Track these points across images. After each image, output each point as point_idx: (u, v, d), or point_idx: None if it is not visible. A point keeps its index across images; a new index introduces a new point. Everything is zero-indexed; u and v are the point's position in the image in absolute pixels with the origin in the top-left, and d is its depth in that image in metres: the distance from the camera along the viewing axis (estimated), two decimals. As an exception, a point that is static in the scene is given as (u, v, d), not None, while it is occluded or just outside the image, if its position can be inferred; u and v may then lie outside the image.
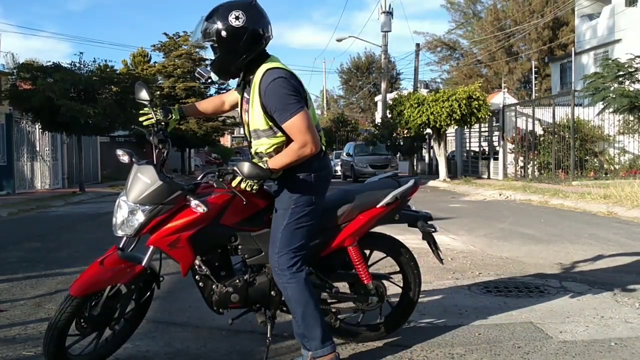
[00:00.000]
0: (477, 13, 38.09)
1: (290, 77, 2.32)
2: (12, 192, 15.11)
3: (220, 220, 2.43)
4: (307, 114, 2.28)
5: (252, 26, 2.29)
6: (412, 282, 2.81)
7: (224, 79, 2.56)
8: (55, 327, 2.27)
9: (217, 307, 2.52)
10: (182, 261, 2.41)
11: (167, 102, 31.73)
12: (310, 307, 2.40)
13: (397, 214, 2.70)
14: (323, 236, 2.57)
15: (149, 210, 2.33)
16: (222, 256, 2.53)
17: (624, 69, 12.59)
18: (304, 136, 2.27)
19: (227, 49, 2.30)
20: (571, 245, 5.70)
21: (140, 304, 2.59)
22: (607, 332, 2.98)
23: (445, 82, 41.41)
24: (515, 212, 9.17)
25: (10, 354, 2.75)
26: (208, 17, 2.32)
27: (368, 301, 2.69)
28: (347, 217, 2.59)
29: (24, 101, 14.40)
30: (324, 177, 2.48)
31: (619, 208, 8.53)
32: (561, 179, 14.46)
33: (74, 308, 2.28)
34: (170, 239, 2.35)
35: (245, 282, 2.51)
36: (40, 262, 5.13)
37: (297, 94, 2.29)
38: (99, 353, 2.51)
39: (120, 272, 2.36)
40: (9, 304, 3.69)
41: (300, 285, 2.39)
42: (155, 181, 2.33)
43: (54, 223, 8.78)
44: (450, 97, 16.52)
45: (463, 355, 2.68)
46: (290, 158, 2.30)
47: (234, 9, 2.28)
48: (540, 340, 2.87)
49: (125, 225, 2.36)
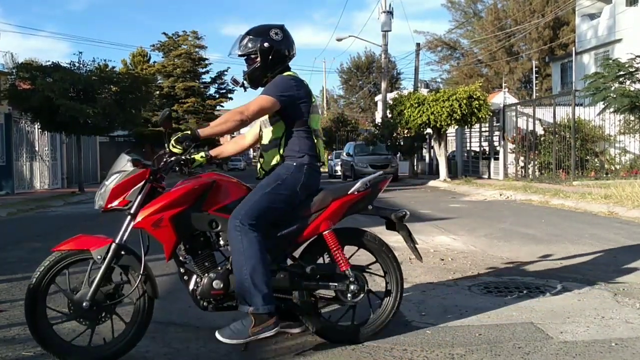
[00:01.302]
0: (478, 12, 38.09)
1: (297, 80, 2.76)
2: (11, 192, 15.12)
3: (202, 206, 2.60)
4: (271, 103, 2.64)
5: (285, 44, 2.78)
6: (390, 270, 2.86)
7: (255, 87, 2.86)
8: (34, 279, 2.53)
9: (201, 297, 2.63)
10: (165, 242, 2.55)
11: (166, 101, 31.83)
12: (261, 265, 2.52)
13: (369, 203, 2.83)
14: (299, 223, 2.70)
15: (114, 177, 2.58)
16: (205, 244, 2.67)
17: (625, 68, 12.57)
18: (250, 107, 2.61)
19: (264, 60, 2.73)
20: (572, 246, 5.69)
21: (144, 302, 2.61)
22: (608, 333, 2.97)
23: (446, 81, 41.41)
24: (516, 212, 9.16)
25: (9, 354, 2.75)
26: (250, 33, 2.78)
27: (348, 290, 2.74)
28: (321, 204, 2.73)
29: (23, 101, 14.40)
30: (315, 175, 2.78)
31: (619, 208, 8.52)
32: (562, 179, 14.45)
33: (51, 261, 2.55)
34: (154, 218, 2.52)
35: (227, 270, 2.63)
36: (39, 262, 5.05)
37: (288, 92, 2.68)
38: (112, 351, 2.58)
39: (93, 240, 2.58)
40: (8, 304, 3.69)
41: (255, 241, 2.53)
42: (121, 155, 2.68)
43: (53, 223, 8.77)
44: (451, 97, 16.51)
45: (463, 356, 2.67)
46: (226, 115, 2.64)
47: (273, 28, 2.78)
48: (541, 341, 2.86)
49: (99, 197, 2.61)
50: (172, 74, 32.19)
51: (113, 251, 2.54)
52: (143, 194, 2.58)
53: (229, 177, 2.80)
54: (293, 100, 2.70)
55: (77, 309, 2.52)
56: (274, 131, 2.76)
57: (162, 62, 33.00)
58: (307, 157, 2.73)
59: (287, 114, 2.72)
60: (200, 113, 31.81)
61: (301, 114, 2.75)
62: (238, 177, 2.87)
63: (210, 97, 34.08)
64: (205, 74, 34.45)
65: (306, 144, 2.75)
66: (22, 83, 15.22)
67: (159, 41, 33.50)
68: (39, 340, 2.54)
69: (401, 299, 2.91)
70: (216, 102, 33.95)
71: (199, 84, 33.25)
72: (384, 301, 2.89)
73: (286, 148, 2.73)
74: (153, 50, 34.06)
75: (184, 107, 31.26)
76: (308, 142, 2.76)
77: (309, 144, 2.76)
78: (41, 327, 2.53)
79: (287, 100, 2.68)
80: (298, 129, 2.75)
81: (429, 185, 16.97)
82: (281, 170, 2.70)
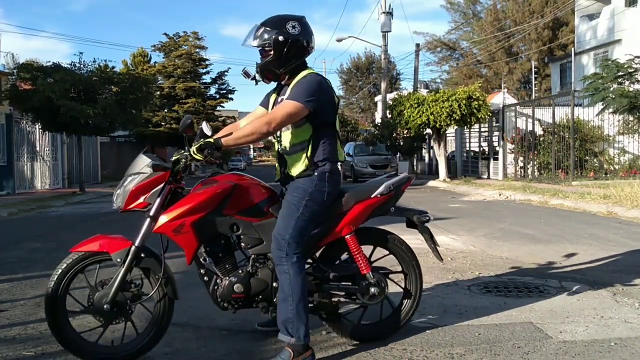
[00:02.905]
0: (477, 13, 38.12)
1: (324, 80, 2.63)
2: (12, 192, 15.12)
3: (223, 209, 2.56)
4: (299, 110, 2.50)
5: (303, 37, 2.60)
6: (411, 273, 2.88)
7: (267, 81, 2.73)
8: (53, 280, 2.52)
9: (222, 299, 2.62)
10: (186, 247, 2.52)
11: (167, 102, 31.82)
12: (305, 296, 2.52)
13: (392, 206, 2.80)
14: (323, 226, 2.67)
15: (132, 177, 2.55)
16: (226, 247, 2.64)
17: (624, 69, 12.60)
18: (277, 116, 2.49)
19: (279, 54, 2.56)
20: (571, 246, 5.70)
21: (164, 303, 2.62)
22: (607, 332, 2.98)
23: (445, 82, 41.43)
24: (515, 212, 9.17)
25: (10, 353, 2.76)
26: (265, 24, 2.60)
27: (369, 293, 2.73)
28: (344, 207, 2.70)
29: (24, 101, 14.40)
30: (337, 179, 2.70)
31: (618, 208, 8.53)
32: (561, 179, 14.46)
33: (69, 262, 2.53)
34: (175, 223, 2.49)
35: (248, 273, 2.62)
36: (40, 262, 5.12)
37: (316, 96, 2.54)
38: (130, 350, 2.60)
39: (113, 242, 2.55)
40: (9, 304, 3.70)
41: (302, 272, 2.52)
42: (140, 156, 2.65)
43: (54, 223, 8.78)
44: (450, 97, 16.52)
45: (463, 355, 2.68)
46: (252, 125, 2.53)
47: (291, 20, 2.60)
48: (540, 340, 2.87)
49: (118, 198, 2.59)
50: (172, 74, 32.14)
51: (133, 254, 2.52)
52: (163, 195, 2.55)
53: (250, 178, 2.74)
54: (321, 104, 2.58)
55: (97, 309, 2.53)
56: (299, 134, 2.62)
57: (163, 62, 32.94)
58: (329, 165, 2.63)
59: (314, 118, 2.59)
60: (201, 113, 31.77)
61: (328, 117, 2.65)
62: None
63: (211, 98, 34.04)
64: (205, 75, 34.43)
65: (331, 149, 2.65)
66: (23, 83, 15.23)
67: (160, 42, 33.46)
68: (61, 340, 2.55)
69: (420, 300, 2.92)
70: (217, 102, 33.90)
71: (200, 85, 33.21)
72: (404, 302, 2.90)
73: (313, 152, 2.61)
74: (154, 51, 34.03)
75: (184, 107, 31.23)
76: (332, 146, 2.66)
77: (333, 148, 2.67)
78: (61, 327, 2.55)
79: (315, 104, 2.54)
80: (325, 132, 2.64)
81: (428, 185, 16.98)
82: (305, 184, 2.60)
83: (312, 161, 2.61)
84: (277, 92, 2.77)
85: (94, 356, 2.58)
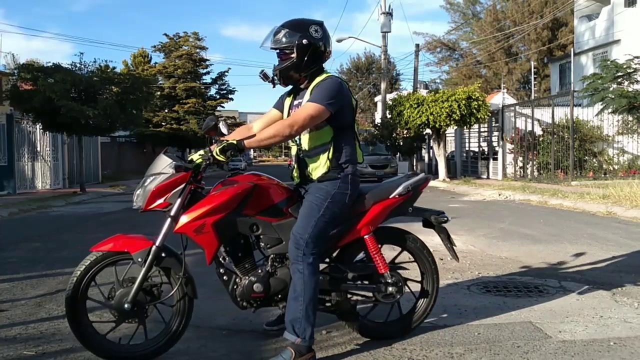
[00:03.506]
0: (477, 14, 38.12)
1: (343, 84, 2.64)
2: (12, 192, 15.12)
3: (243, 210, 2.59)
4: (321, 112, 2.51)
5: (323, 41, 2.62)
6: (428, 272, 2.91)
7: (285, 85, 2.73)
8: (74, 278, 2.54)
9: (241, 299, 2.64)
10: (207, 247, 2.54)
11: (167, 102, 31.81)
12: (316, 298, 2.54)
13: (410, 206, 2.84)
14: (342, 226, 2.70)
15: (153, 178, 2.56)
16: (245, 247, 2.67)
17: (623, 69, 12.60)
18: (299, 119, 2.49)
19: (301, 57, 2.57)
20: (570, 245, 5.71)
21: (184, 303, 2.63)
22: (606, 332, 2.99)
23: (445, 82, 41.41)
24: (515, 212, 9.18)
25: (10, 353, 2.76)
26: (286, 27, 2.60)
27: (386, 292, 2.77)
28: (363, 207, 2.73)
29: (25, 101, 14.40)
30: (357, 182, 2.72)
31: (618, 208, 8.54)
32: (560, 179, 14.48)
33: (90, 261, 2.55)
34: (196, 224, 2.50)
35: (267, 273, 2.64)
36: (40, 262, 5.13)
37: (336, 98, 2.55)
38: (149, 350, 2.62)
39: (133, 241, 2.57)
40: (9, 304, 3.70)
41: (316, 272, 2.54)
42: (160, 156, 2.65)
43: (54, 223, 8.78)
44: (450, 98, 16.53)
45: (462, 355, 2.69)
46: (274, 127, 2.51)
47: (313, 24, 2.62)
48: (540, 340, 2.88)
49: (138, 198, 2.59)
50: (173, 74, 32.14)
51: (154, 253, 2.54)
52: (184, 195, 2.56)
53: (268, 178, 2.75)
54: (342, 106, 2.59)
55: (117, 309, 2.54)
56: (320, 137, 2.63)
57: (163, 62, 32.93)
58: (351, 167, 2.66)
59: (334, 120, 2.60)
60: (201, 114, 31.77)
61: (348, 120, 2.67)
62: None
63: (211, 98, 34.03)
64: (206, 75, 34.45)
65: (351, 151, 2.67)
66: (24, 84, 15.22)
67: (160, 42, 33.44)
68: (80, 339, 2.57)
69: (436, 300, 2.96)
70: (217, 102, 33.89)
71: (200, 85, 33.21)
72: (419, 302, 2.93)
73: (334, 155, 2.63)
74: (154, 51, 34.01)
75: (184, 107, 31.23)
76: (352, 149, 2.68)
77: (353, 150, 2.69)
78: (81, 325, 2.56)
79: (336, 107, 2.55)
80: (345, 134, 2.66)
81: (428, 185, 16.96)
82: (328, 187, 2.61)
83: (334, 163, 2.62)
84: (292, 96, 2.77)
85: (118, 355, 2.61)
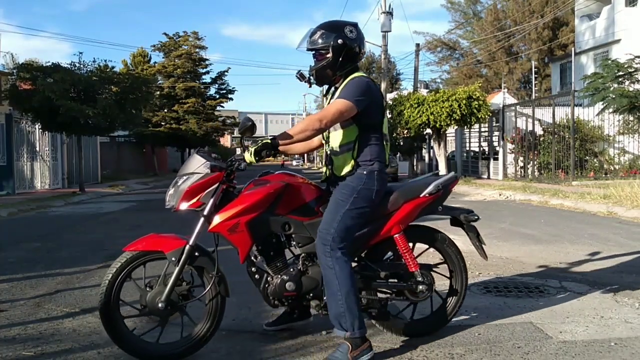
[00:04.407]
0: (477, 13, 38.11)
1: (373, 82, 2.69)
2: (12, 192, 15.12)
3: (275, 209, 2.62)
4: (349, 108, 2.55)
5: (358, 42, 2.68)
6: (457, 271, 2.95)
7: (320, 84, 2.82)
8: (108, 278, 2.53)
9: (273, 297, 2.67)
10: (240, 246, 2.58)
11: (167, 102, 31.81)
12: (354, 288, 2.55)
13: (439, 205, 2.86)
14: (372, 225, 2.71)
15: (186, 177, 2.58)
16: (277, 246, 2.70)
17: (624, 69, 12.59)
18: (329, 113, 2.53)
19: (337, 57, 2.63)
20: (571, 245, 5.70)
21: (216, 302, 2.65)
22: (607, 332, 2.98)
23: (445, 82, 41.42)
24: (515, 212, 9.17)
25: (10, 354, 2.75)
26: (323, 28, 2.67)
27: (417, 290, 2.79)
28: (393, 206, 2.74)
29: (24, 101, 14.40)
30: (384, 179, 2.73)
31: (618, 208, 8.53)
32: (561, 179, 14.47)
33: (124, 260, 2.55)
34: (230, 223, 2.54)
35: (299, 271, 2.67)
36: (40, 262, 5.12)
37: (365, 96, 2.59)
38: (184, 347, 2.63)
39: (166, 241, 2.58)
40: (8, 304, 3.69)
41: (347, 265, 2.56)
42: (194, 155, 2.68)
43: (53, 223, 8.78)
44: (450, 97, 16.51)
45: (463, 355, 2.68)
46: (304, 122, 2.56)
47: (348, 25, 2.68)
48: (540, 340, 2.87)
49: (171, 198, 2.62)
50: (172, 74, 32.14)
51: (187, 253, 2.55)
52: (217, 195, 2.58)
53: (300, 177, 2.78)
54: (369, 104, 2.62)
55: (151, 307, 2.56)
56: (346, 135, 2.67)
57: (163, 62, 32.93)
58: (377, 164, 2.67)
59: (361, 118, 2.63)
60: (201, 113, 31.78)
61: (375, 119, 2.69)
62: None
63: (211, 98, 34.03)
64: (205, 75, 34.46)
65: (377, 150, 2.69)
66: (23, 83, 15.22)
67: (160, 41, 33.44)
68: (113, 337, 2.58)
69: (464, 298, 2.99)
70: (216, 102, 33.88)
71: (200, 85, 33.21)
72: (449, 300, 2.96)
73: (359, 153, 2.66)
74: (153, 51, 34.03)
75: (184, 107, 31.23)
76: (379, 148, 2.69)
77: (380, 149, 2.70)
78: (114, 324, 2.57)
79: (364, 104, 2.59)
80: (371, 133, 2.67)
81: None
82: (354, 182, 2.64)
83: (359, 161, 2.65)
84: (330, 95, 2.81)
85: (151, 355, 2.61)
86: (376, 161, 2.67)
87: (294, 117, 74.07)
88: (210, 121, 32.57)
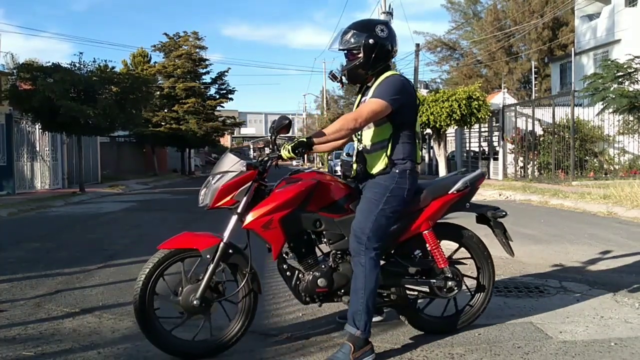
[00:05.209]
0: (477, 13, 38.10)
1: (407, 81, 2.70)
2: (12, 192, 15.12)
3: (307, 206, 2.65)
4: (384, 107, 2.56)
5: (390, 40, 2.69)
6: (485, 268, 3.00)
7: (353, 84, 2.83)
8: (143, 275, 2.56)
9: (305, 294, 2.70)
10: (273, 243, 2.61)
11: (167, 102, 31.80)
12: (376, 290, 2.60)
13: (467, 202, 2.90)
14: (402, 222, 2.74)
15: (220, 176, 2.62)
16: (308, 243, 2.73)
17: (623, 69, 12.60)
18: (364, 113, 2.54)
19: (368, 56, 2.64)
20: (571, 246, 5.70)
21: (250, 299, 2.67)
22: (607, 332, 2.98)
23: (445, 82, 41.39)
24: (515, 212, 9.17)
25: (10, 354, 2.75)
26: (354, 27, 2.68)
27: (446, 286, 2.82)
28: (422, 203, 2.78)
29: (24, 101, 14.39)
30: (416, 177, 2.76)
31: (618, 208, 8.53)
32: (561, 179, 14.47)
33: (159, 258, 2.57)
34: (264, 220, 2.57)
35: (330, 268, 2.70)
36: (40, 262, 5.12)
37: (400, 95, 2.60)
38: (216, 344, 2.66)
39: (201, 238, 2.62)
40: (8, 304, 3.69)
41: (377, 267, 2.60)
42: (227, 154, 2.73)
43: (54, 223, 8.77)
44: (450, 98, 16.51)
45: (463, 355, 2.68)
46: (339, 122, 2.56)
47: (379, 24, 2.70)
48: (540, 341, 2.87)
49: (205, 196, 2.64)
50: (172, 74, 32.10)
51: (222, 250, 2.58)
52: (250, 193, 2.61)
53: (330, 175, 2.82)
54: (403, 103, 2.63)
55: (184, 305, 2.58)
56: (379, 133, 2.69)
57: (163, 62, 32.89)
58: (410, 163, 2.70)
59: (395, 117, 2.64)
60: (201, 113, 31.76)
61: (409, 117, 2.70)
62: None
63: (211, 98, 34.00)
64: (205, 75, 34.43)
65: (409, 149, 2.71)
66: (23, 83, 15.20)
67: (160, 42, 33.41)
68: (147, 334, 2.60)
69: (492, 295, 3.02)
70: (216, 102, 33.86)
71: (200, 85, 33.19)
72: (477, 296, 3.01)
73: (393, 151, 2.68)
74: (154, 51, 33.99)
75: (184, 107, 31.22)
76: (411, 147, 2.72)
77: (412, 148, 2.72)
78: (149, 321, 2.59)
79: (399, 103, 2.60)
80: (404, 132, 2.69)
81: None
82: (387, 182, 2.66)
83: (392, 160, 2.68)
84: (362, 94, 2.83)
85: (183, 351, 2.63)
86: (409, 160, 2.70)
87: (294, 117, 74.17)
88: (211, 121, 32.55)
